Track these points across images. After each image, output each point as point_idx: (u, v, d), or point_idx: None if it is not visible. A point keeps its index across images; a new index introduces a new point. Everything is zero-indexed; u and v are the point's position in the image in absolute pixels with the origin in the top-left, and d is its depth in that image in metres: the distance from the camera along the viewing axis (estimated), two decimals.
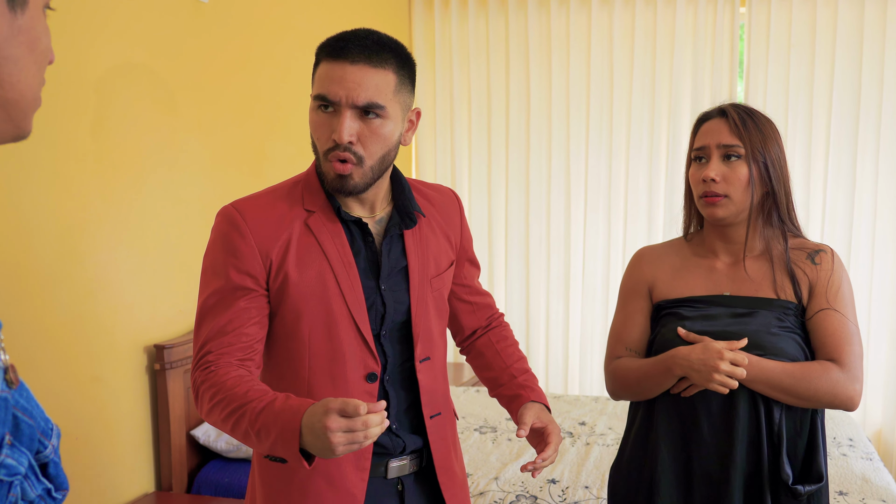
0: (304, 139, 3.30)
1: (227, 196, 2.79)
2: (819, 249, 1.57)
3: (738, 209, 1.53)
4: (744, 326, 1.50)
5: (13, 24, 0.66)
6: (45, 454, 0.64)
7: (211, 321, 1.33)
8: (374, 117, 1.29)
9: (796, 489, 1.45)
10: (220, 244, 1.35)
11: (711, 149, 1.54)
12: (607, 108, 4.12)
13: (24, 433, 0.62)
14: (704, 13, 3.96)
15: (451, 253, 1.52)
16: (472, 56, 4.26)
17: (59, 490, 0.67)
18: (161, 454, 2.49)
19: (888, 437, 3.89)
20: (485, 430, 3.05)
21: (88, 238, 2.22)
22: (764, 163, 1.52)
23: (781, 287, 1.54)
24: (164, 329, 2.53)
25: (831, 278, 1.53)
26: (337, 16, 3.61)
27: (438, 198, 1.54)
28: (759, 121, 1.55)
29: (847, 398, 1.47)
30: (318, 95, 1.30)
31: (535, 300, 4.27)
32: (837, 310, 1.50)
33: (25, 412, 0.62)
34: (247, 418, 1.22)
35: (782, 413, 1.49)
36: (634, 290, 1.67)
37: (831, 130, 3.83)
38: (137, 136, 2.39)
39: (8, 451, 0.60)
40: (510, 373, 1.56)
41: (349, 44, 1.28)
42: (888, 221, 3.83)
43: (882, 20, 3.74)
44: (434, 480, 1.47)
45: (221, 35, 2.78)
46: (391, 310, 1.40)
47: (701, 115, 1.62)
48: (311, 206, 1.37)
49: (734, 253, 1.59)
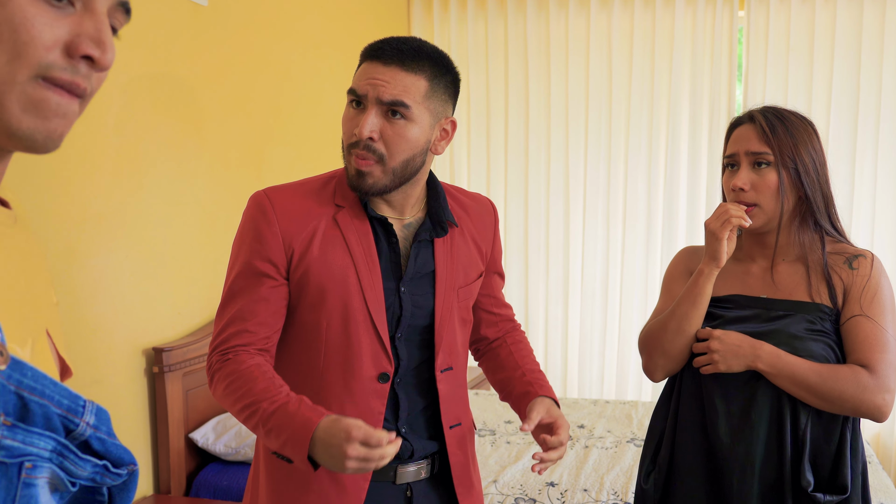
0: (303, 141, 3.31)
1: (228, 197, 2.80)
2: (858, 254, 1.53)
3: (769, 217, 1.51)
4: (776, 328, 1.49)
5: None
6: (80, 431, 0.63)
7: (233, 306, 1.36)
8: (399, 118, 1.31)
9: (815, 497, 1.43)
10: (249, 228, 1.37)
11: (741, 156, 1.52)
12: (606, 111, 4.12)
13: (36, 413, 0.60)
14: (703, 16, 3.97)
15: (480, 264, 1.52)
16: (471, 60, 4.27)
17: (120, 466, 0.66)
18: (160, 457, 2.49)
19: (886, 440, 3.89)
20: (483, 433, 3.05)
21: (87, 240, 2.22)
22: (795, 168, 1.49)
23: (817, 291, 1.51)
24: (162, 332, 2.53)
25: (868, 284, 1.48)
26: (336, 20, 3.61)
27: (474, 206, 1.54)
28: (791, 125, 1.53)
29: (874, 406, 1.42)
30: (349, 90, 1.34)
31: (534, 304, 4.27)
32: (871, 317, 1.46)
33: (34, 391, 0.60)
34: (259, 415, 1.25)
35: (809, 418, 1.46)
36: (678, 277, 1.66)
37: (830, 133, 3.84)
38: (136, 138, 2.39)
39: (6, 431, 0.58)
40: (521, 372, 1.55)
41: (386, 46, 1.32)
42: (887, 224, 3.83)
43: (880, 23, 3.75)
44: (445, 488, 1.47)
45: (221, 37, 2.79)
46: (408, 313, 1.40)
47: (733, 121, 1.60)
48: (341, 201, 1.39)
49: (770, 257, 1.57)
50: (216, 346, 1.36)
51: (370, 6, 3.97)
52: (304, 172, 1.60)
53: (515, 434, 3.04)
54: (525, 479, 2.58)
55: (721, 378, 1.52)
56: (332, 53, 3.56)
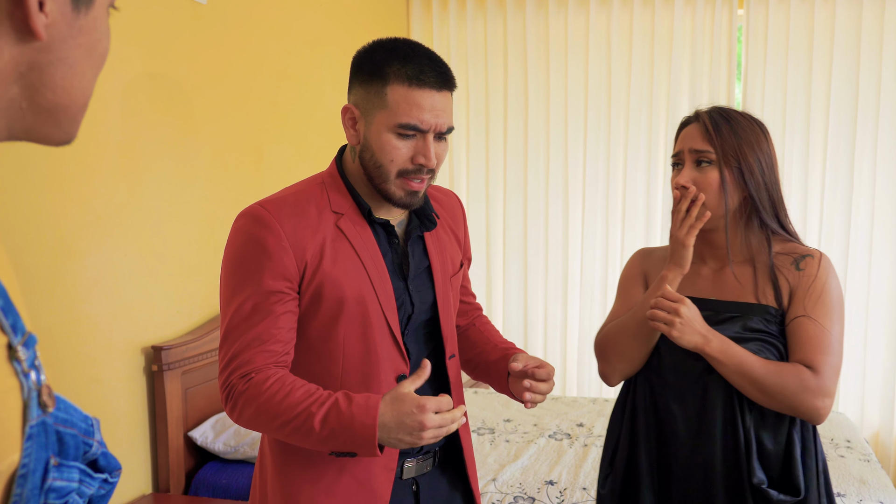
0: (302, 140, 3.31)
1: (227, 196, 2.80)
2: (806, 255, 1.52)
3: (713, 215, 1.51)
4: (722, 330, 1.49)
5: (74, 23, 0.61)
6: (93, 452, 0.62)
7: (247, 330, 1.31)
8: (443, 140, 1.36)
9: (768, 492, 1.44)
10: (251, 246, 1.31)
11: (685, 154, 1.53)
12: (605, 110, 4.12)
13: (70, 445, 0.59)
14: (702, 15, 3.97)
15: (460, 253, 1.57)
16: (470, 58, 4.27)
17: (112, 473, 0.65)
18: (158, 455, 2.49)
19: (885, 439, 3.89)
20: (482, 432, 3.05)
21: (86, 238, 2.22)
22: (738, 168, 1.49)
23: (763, 292, 1.51)
24: (161, 330, 2.53)
25: (814, 285, 1.47)
26: (335, 18, 3.61)
27: (445, 199, 1.58)
28: (738, 125, 1.51)
29: (813, 408, 1.42)
30: (405, 125, 1.30)
31: (533, 302, 4.27)
32: (815, 318, 1.45)
33: (66, 424, 0.59)
34: (309, 422, 1.24)
35: (754, 417, 1.47)
36: (633, 281, 1.67)
37: (829, 132, 3.84)
38: (135, 137, 2.39)
39: (56, 473, 0.57)
40: (493, 344, 1.58)
41: (428, 69, 1.31)
42: (886, 224, 3.83)
43: (880, 22, 3.75)
44: (448, 478, 1.50)
45: (220, 37, 2.78)
46: (418, 309, 1.43)
47: (683, 120, 1.61)
48: (338, 208, 1.38)
49: (720, 258, 1.57)
50: (233, 370, 1.31)
51: (369, 5, 3.97)
52: (302, 171, 1.60)
53: (514, 433, 3.04)
54: (524, 478, 2.58)
55: (672, 381, 1.52)
56: (332, 53, 3.55)
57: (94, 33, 0.63)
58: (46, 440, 0.56)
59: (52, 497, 0.57)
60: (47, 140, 0.64)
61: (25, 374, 0.56)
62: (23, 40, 0.58)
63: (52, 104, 0.62)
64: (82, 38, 0.62)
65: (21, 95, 0.60)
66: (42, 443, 0.56)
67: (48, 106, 0.62)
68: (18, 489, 0.54)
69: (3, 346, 0.55)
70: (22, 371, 0.56)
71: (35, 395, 0.56)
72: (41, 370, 0.58)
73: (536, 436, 2.98)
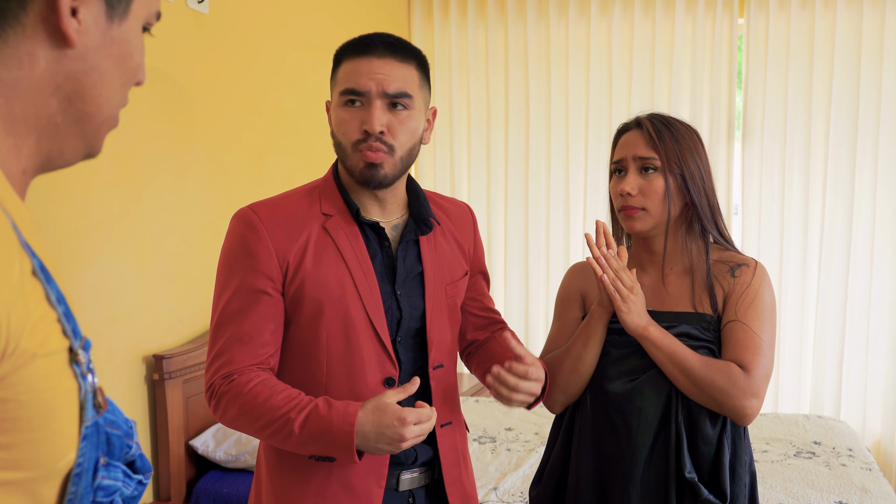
0: (304, 148, 3.31)
1: (227, 204, 2.80)
2: (742, 263, 1.54)
3: (656, 221, 1.52)
4: None
5: (108, 33, 0.63)
6: (132, 453, 0.64)
7: (230, 327, 1.34)
8: (401, 109, 1.33)
9: (699, 487, 1.44)
10: (238, 246, 1.35)
11: (628, 161, 1.53)
12: (606, 118, 4.13)
13: (115, 446, 0.61)
14: (703, 24, 3.97)
15: (464, 263, 1.54)
16: (471, 66, 4.28)
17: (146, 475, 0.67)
18: (160, 464, 2.48)
19: (887, 448, 3.88)
20: (484, 441, 3.04)
21: (87, 247, 2.22)
22: (681, 174, 1.50)
23: (700, 300, 1.53)
24: (163, 339, 2.53)
25: (746, 291, 1.50)
26: (337, 26, 3.62)
27: (453, 209, 1.56)
28: (677, 132, 1.53)
29: (740, 407, 1.44)
30: (346, 90, 1.33)
31: (534, 311, 4.27)
32: (745, 322, 1.48)
33: (113, 425, 0.61)
34: (289, 426, 1.26)
35: (686, 415, 1.48)
36: (568, 300, 1.67)
37: (830, 140, 3.84)
38: (137, 145, 2.39)
39: (104, 472, 0.60)
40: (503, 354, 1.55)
41: (373, 40, 1.34)
42: (887, 232, 3.83)
43: (880, 30, 3.75)
44: (445, 494, 1.47)
45: (222, 44, 2.79)
46: (407, 315, 1.41)
47: (620, 127, 1.61)
48: (328, 209, 1.39)
49: (659, 265, 1.58)
50: (217, 369, 1.33)
51: (372, 15, 3.99)
52: (304, 179, 1.60)
53: (516, 441, 3.03)
54: (526, 487, 2.58)
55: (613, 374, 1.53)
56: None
57: (125, 45, 0.64)
58: (98, 440, 0.59)
59: (101, 495, 0.60)
60: (74, 155, 0.66)
61: (83, 377, 0.59)
62: (57, 46, 0.60)
63: (81, 113, 0.63)
64: (114, 48, 0.63)
65: (58, 109, 0.62)
66: (94, 443, 0.59)
67: (77, 115, 0.63)
68: (73, 487, 0.57)
69: (65, 349, 0.58)
70: (81, 374, 0.59)
71: (91, 397, 0.59)
72: (95, 373, 0.61)
73: (538, 444, 2.97)
